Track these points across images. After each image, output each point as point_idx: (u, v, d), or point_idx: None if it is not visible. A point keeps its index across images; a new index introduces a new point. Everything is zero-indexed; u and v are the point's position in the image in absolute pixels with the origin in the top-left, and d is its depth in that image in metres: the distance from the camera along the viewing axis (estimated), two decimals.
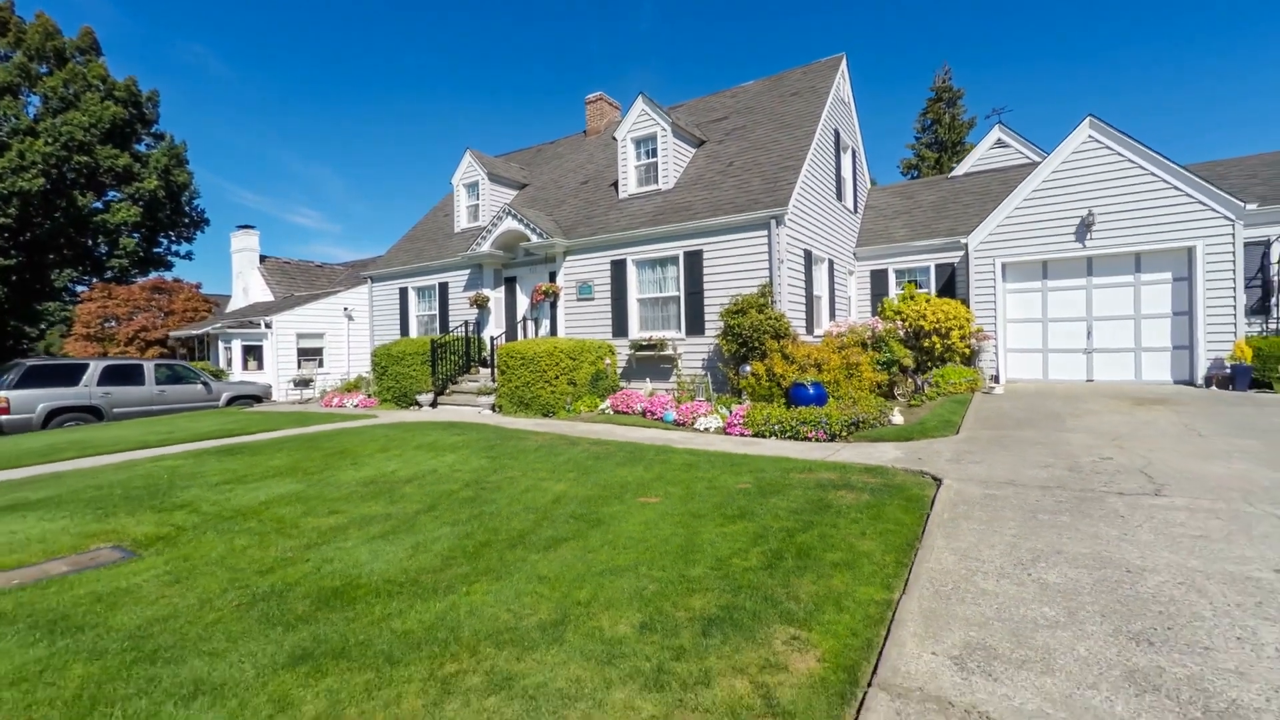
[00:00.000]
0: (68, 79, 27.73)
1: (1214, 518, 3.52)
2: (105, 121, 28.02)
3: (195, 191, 33.69)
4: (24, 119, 26.58)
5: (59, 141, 26.71)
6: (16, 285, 28.28)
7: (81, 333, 26.77)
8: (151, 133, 32.43)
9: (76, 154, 27.42)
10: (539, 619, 2.61)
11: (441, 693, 2.09)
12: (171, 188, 31.63)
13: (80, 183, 28.50)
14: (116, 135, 29.35)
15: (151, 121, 32.34)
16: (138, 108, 31.06)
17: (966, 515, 3.81)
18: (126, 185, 29.78)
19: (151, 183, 29.92)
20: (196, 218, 34.74)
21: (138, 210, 29.78)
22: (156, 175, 30.37)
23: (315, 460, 6.36)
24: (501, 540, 3.67)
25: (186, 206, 33.78)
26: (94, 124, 27.62)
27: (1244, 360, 8.56)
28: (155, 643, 2.51)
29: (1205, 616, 2.42)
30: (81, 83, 28.18)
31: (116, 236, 29.96)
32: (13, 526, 4.22)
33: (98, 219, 29.07)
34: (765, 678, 2.11)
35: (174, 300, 27.77)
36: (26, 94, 28.01)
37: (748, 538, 3.52)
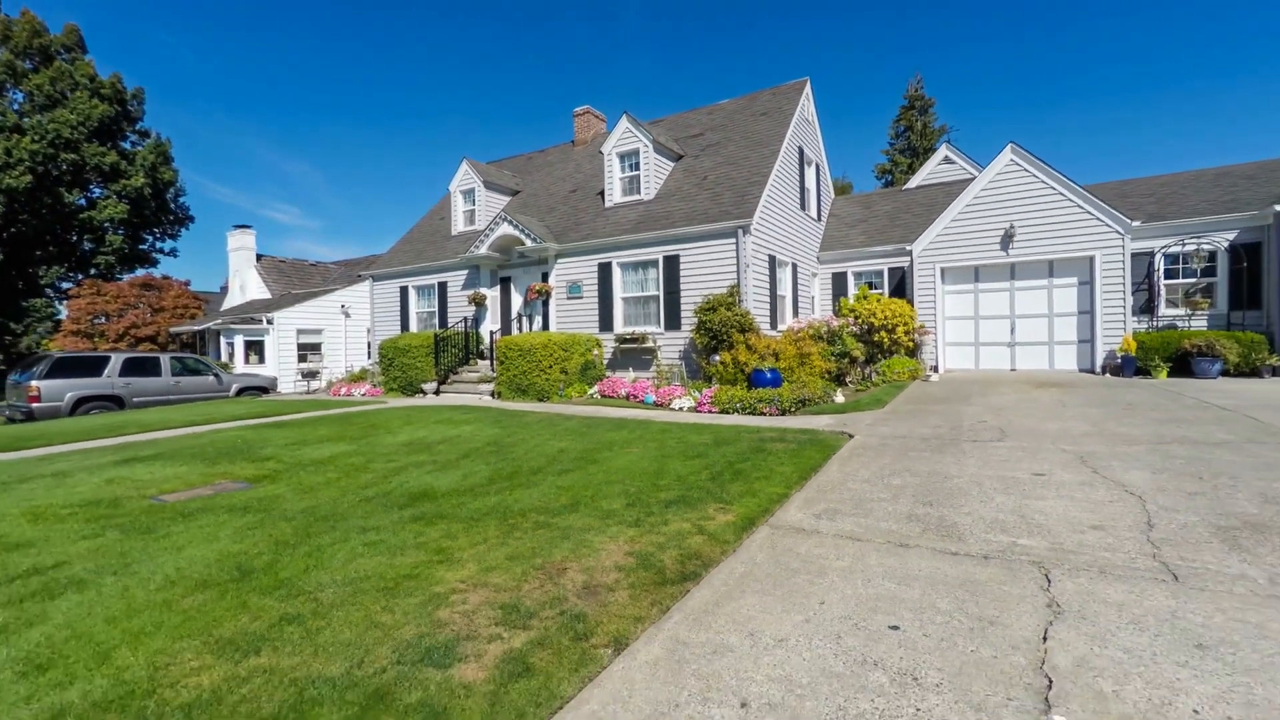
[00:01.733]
0: (55, 77, 28.32)
1: (1021, 452, 5.16)
2: (94, 120, 28.68)
3: (181, 189, 34.36)
4: (10, 116, 27.14)
5: (46, 139, 27.33)
6: (1, 282, 28.79)
7: (71, 329, 27.47)
8: (137, 130, 33.03)
9: (64, 151, 28.05)
10: (561, 503, 4.12)
11: (508, 530, 3.59)
12: (157, 185, 32.28)
13: (67, 180, 29.10)
14: (103, 133, 29.99)
15: (137, 119, 32.95)
16: (123, 105, 31.66)
17: (860, 454, 5.40)
18: (113, 182, 30.40)
19: (138, 180, 30.58)
20: (181, 215, 35.34)
21: (124, 207, 30.41)
22: (143, 172, 31.02)
23: (354, 430, 7.77)
24: (524, 471, 5.16)
25: (172, 204, 34.40)
26: (82, 122, 28.27)
27: (1130, 352, 10.38)
28: (319, 515, 3.97)
29: (971, 494, 4.02)
30: (69, 81, 28.79)
31: (103, 234, 30.58)
32: (149, 470, 5.60)
33: (84, 216, 29.67)
34: (700, 523, 3.64)
35: (163, 297, 28.56)
36: (12, 91, 28.54)
37: (701, 466, 5.07)
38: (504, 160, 19.64)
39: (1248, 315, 10.64)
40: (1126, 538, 3.11)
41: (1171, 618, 2.28)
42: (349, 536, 3.54)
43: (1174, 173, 13.20)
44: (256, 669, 2.14)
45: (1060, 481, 4.19)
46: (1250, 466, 4.34)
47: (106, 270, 31.37)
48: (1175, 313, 11.13)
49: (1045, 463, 4.74)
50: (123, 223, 30.97)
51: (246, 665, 2.17)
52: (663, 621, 2.44)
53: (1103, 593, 2.51)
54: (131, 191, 30.52)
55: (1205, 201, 11.49)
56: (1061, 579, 2.66)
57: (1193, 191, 12.11)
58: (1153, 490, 3.89)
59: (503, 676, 2.05)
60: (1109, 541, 3.07)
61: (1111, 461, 4.66)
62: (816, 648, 2.17)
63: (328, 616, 2.54)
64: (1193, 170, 13.09)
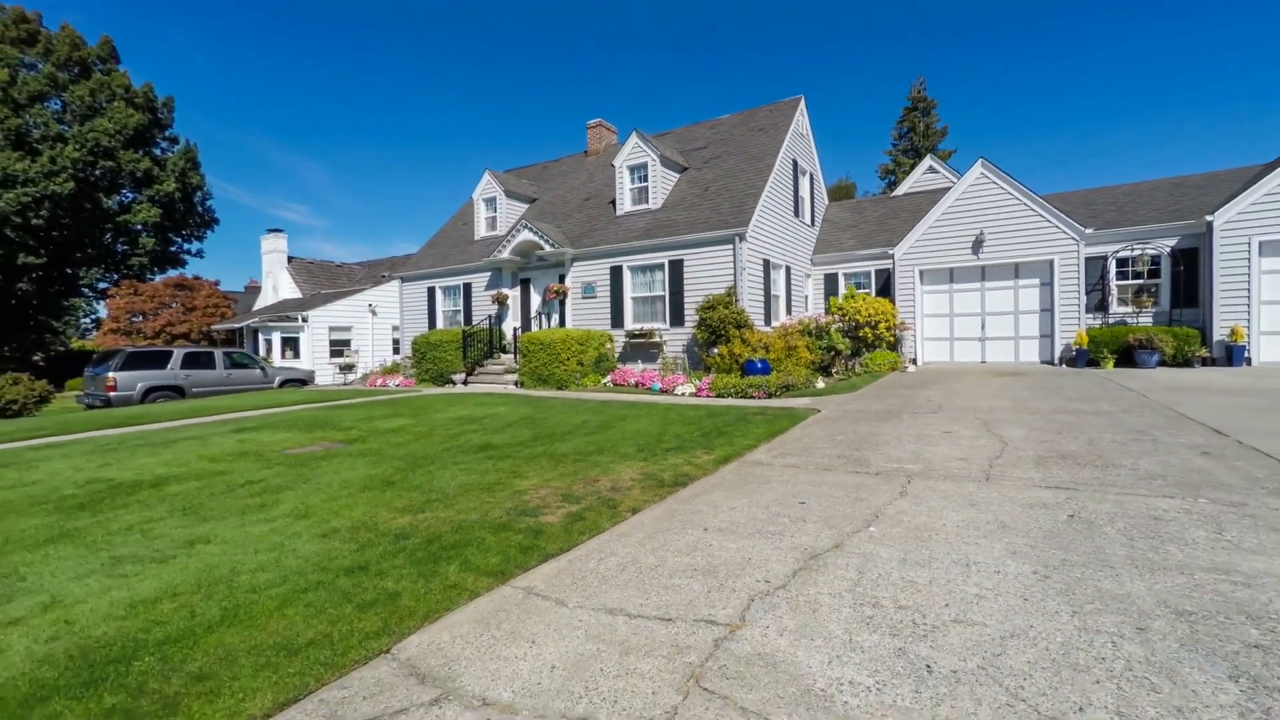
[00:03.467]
0: (94, 88, 30.27)
1: (946, 420, 6.69)
2: (129, 128, 30.60)
3: (208, 193, 36.31)
4: (53, 126, 29.11)
5: (86, 147, 29.28)
6: (43, 282, 30.83)
7: (110, 327, 29.50)
8: (166, 136, 34.98)
9: (102, 159, 30.00)
10: (589, 449, 5.72)
11: (555, 462, 5.19)
12: (186, 189, 34.22)
13: (104, 185, 31.08)
14: (137, 140, 31.92)
15: (167, 126, 34.89)
16: (154, 113, 33.60)
17: (819, 422, 6.95)
18: (146, 187, 32.34)
19: (169, 185, 32.52)
20: (207, 217, 37.30)
21: (157, 211, 32.35)
22: (174, 178, 32.96)
23: (408, 410, 9.41)
24: (558, 434, 6.76)
25: (199, 207, 36.36)
26: (119, 130, 30.19)
27: (1083, 345, 11.84)
28: (417, 457, 5.59)
29: (889, 444, 5.57)
30: (106, 91, 30.74)
31: (136, 236, 32.56)
32: (264, 436, 7.26)
33: (120, 219, 31.64)
34: (690, 459, 5.22)
35: (195, 297, 30.53)
36: (53, 102, 30.51)
37: (695, 430, 6.65)
38: (521, 169, 21.27)
39: (1187, 312, 12.04)
40: (976, 463, 4.65)
41: (968, 495, 3.83)
42: (446, 466, 5.15)
43: (1136, 182, 14.59)
44: (426, 518, 3.75)
45: (959, 436, 5.74)
46: (1103, 426, 5.86)
47: (140, 271, 33.35)
48: (1125, 310, 12.54)
49: (958, 425, 6.28)
50: (154, 226, 32.92)
51: (419, 516, 3.78)
52: (660, 502, 4.02)
53: (938, 487, 4.07)
54: (163, 196, 32.46)
55: (1155, 210, 12.89)
56: (917, 482, 4.22)
57: (1147, 200, 13.51)
58: (1018, 439, 5.42)
59: (568, 520, 3.64)
60: (963, 465, 4.62)
61: (1006, 424, 6.20)
62: (752, 510, 3.75)
63: (454, 499, 4.15)
64: (1153, 180, 14.48)
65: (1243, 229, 10.97)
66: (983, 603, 2.38)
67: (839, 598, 2.48)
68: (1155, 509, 3.40)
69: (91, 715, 1.85)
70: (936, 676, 1.90)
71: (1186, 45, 62.94)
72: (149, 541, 3.49)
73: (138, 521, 3.88)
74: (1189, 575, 2.55)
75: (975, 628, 2.19)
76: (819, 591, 2.55)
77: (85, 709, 1.89)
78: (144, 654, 2.21)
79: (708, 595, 2.56)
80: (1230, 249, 11.05)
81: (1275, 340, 10.85)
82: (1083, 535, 3.05)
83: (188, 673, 2.08)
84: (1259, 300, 10.87)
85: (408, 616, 2.45)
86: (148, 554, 3.28)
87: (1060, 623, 2.20)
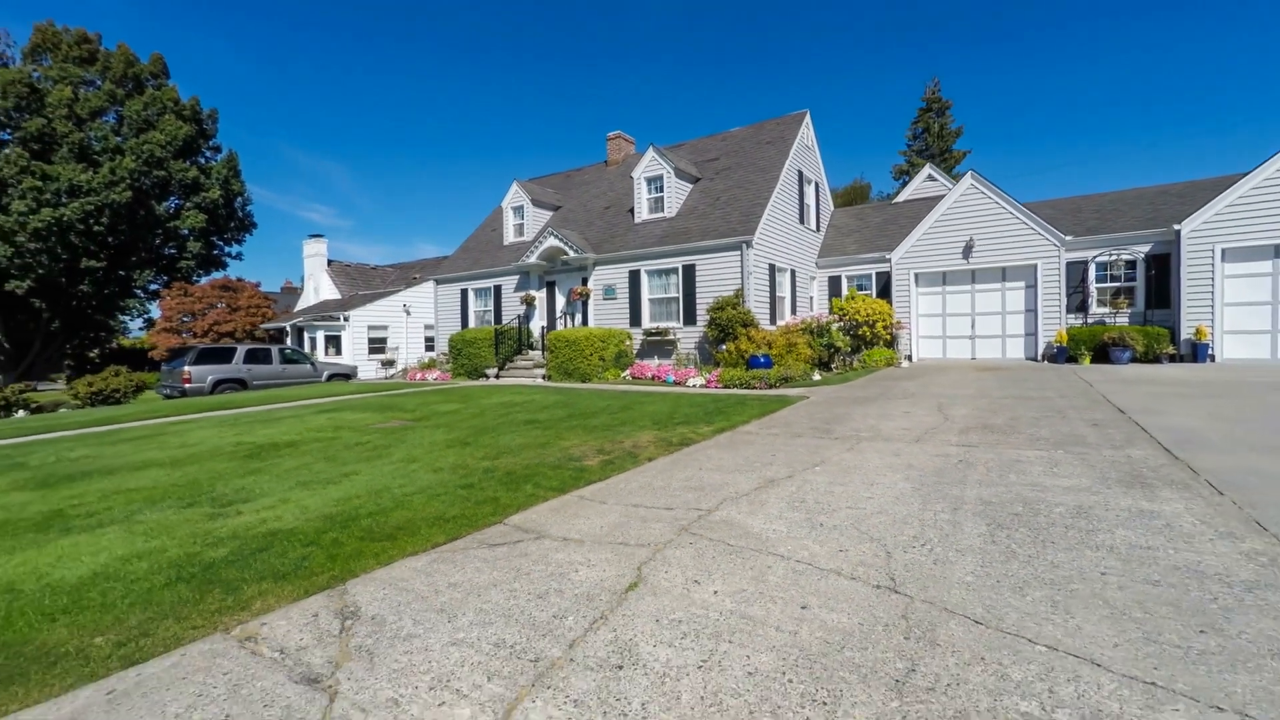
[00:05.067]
0: (147, 102, 32.63)
1: (911, 403, 8.05)
2: (179, 140, 32.92)
3: (248, 198, 38.62)
4: (111, 139, 31.51)
5: (141, 159, 31.64)
6: (101, 284, 33.31)
7: (163, 326, 31.87)
8: (210, 146, 37.35)
9: (155, 169, 32.36)
10: (614, 423, 7.22)
11: (588, 431, 6.70)
12: (229, 195, 36.53)
13: (155, 193, 33.46)
14: (185, 150, 34.27)
15: (211, 136, 37.24)
16: (200, 124, 35.95)
17: (805, 405, 8.36)
18: (194, 194, 34.67)
19: (214, 192, 34.81)
20: (247, 221, 39.60)
21: (203, 217, 34.65)
22: (218, 185, 35.26)
23: (455, 398, 11.02)
24: (587, 413, 8.27)
25: (240, 212, 38.68)
26: (169, 141, 32.51)
27: (1063, 343, 13.02)
28: (479, 428, 7.15)
29: (855, 420, 6.97)
30: (158, 105, 33.11)
31: (185, 241, 34.92)
32: (347, 416, 8.90)
33: (170, 225, 34.02)
34: (693, 429, 6.69)
35: (238, 297, 32.78)
36: (109, 116, 32.96)
37: (700, 410, 8.11)
38: (546, 177, 22.88)
39: (1159, 313, 13.13)
40: (914, 431, 6.05)
41: (896, 450, 5.24)
42: (504, 433, 6.70)
43: (1123, 190, 15.64)
44: (501, 462, 5.28)
45: (914, 414, 7.12)
46: (1034, 408, 7.20)
47: (187, 273, 35.72)
48: (1103, 311, 13.65)
49: (918, 408, 7.65)
50: (200, 230, 35.24)
51: (496, 461, 5.31)
52: (669, 454, 5.50)
53: (876, 445, 5.48)
54: (208, 203, 34.76)
55: (1135, 218, 13.97)
56: (864, 443, 5.63)
57: (1130, 208, 14.58)
58: (959, 416, 6.79)
59: (602, 463, 5.14)
60: (905, 432, 6.02)
61: (957, 406, 7.56)
62: (735, 459, 5.21)
63: (517, 452, 5.67)
64: (1138, 188, 15.52)
65: (1207, 237, 12.07)
66: (869, 501, 3.82)
67: (780, 500, 3.94)
68: (1022, 456, 4.78)
69: (352, 538, 3.40)
70: (823, 527, 3.35)
71: (1210, 51, 62.39)
72: (315, 474, 5.08)
73: (297, 465, 5.48)
74: (1007, 487, 3.96)
75: (857, 510, 3.63)
76: (768, 497, 4.01)
77: (348, 534, 3.44)
78: (360, 519, 3.76)
79: (696, 498, 4.03)
80: (1196, 255, 12.16)
81: (1238, 339, 11.93)
82: (959, 470, 4.46)
83: (391, 526, 3.62)
84: (1222, 302, 11.95)
85: (507, 507, 3.97)
86: (321, 479, 4.86)
87: (910, 507, 3.63)
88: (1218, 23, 60.20)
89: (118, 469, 5.65)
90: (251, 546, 3.35)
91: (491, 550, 3.21)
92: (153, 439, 7.50)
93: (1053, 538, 3.05)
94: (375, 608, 2.57)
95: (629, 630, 2.28)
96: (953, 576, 2.64)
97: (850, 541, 3.11)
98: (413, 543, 3.33)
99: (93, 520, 3.98)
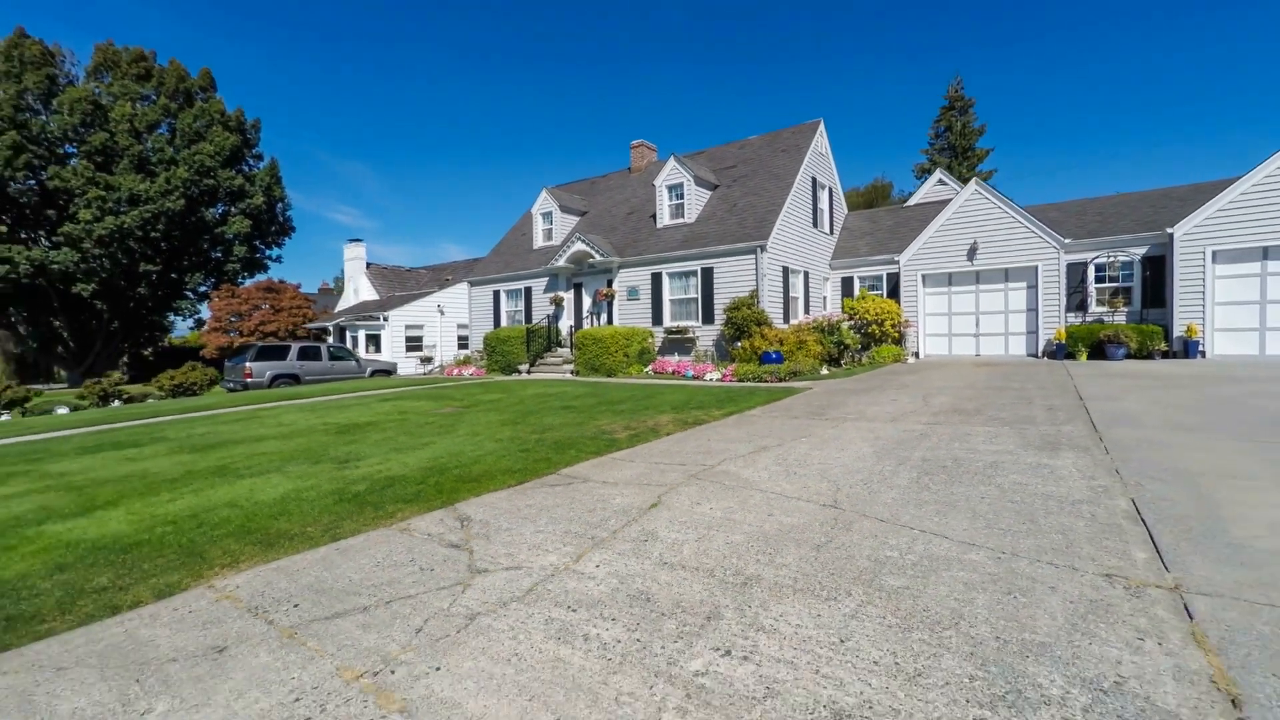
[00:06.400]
0: (197, 115, 34.93)
1: (902, 393, 9.12)
2: (226, 150, 35.16)
3: (288, 204, 40.84)
4: (166, 151, 33.85)
5: (193, 168, 33.92)
6: (155, 286, 35.76)
7: (213, 326, 34.00)
8: (254, 154, 39.64)
9: (204, 177, 34.65)
10: (638, 409, 8.46)
11: (616, 414, 7.96)
12: (271, 201, 38.73)
13: (205, 200, 35.79)
14: (232, 159, 36.55)
15: (254, 145, 39.49)
16: (244, 134, 38.21)
17: (807, 395, 9.49)
18: (239, 201, 36.92)
19: (258, 199, 37.00)
20: (286, 225, 41.82)
21: (248, 223, 36.88)
22: (261, 192, 37.46)
23: (497, 389, 12.38)
24: (615, 401, 9.52)
25: (280, 216, 40.92)
26: (218, 152, 34.76)
27: (1061, 340, 13.86)
28: (523, 410, 8.46)
29: (849, 406, 8.09)
30: (206, 117, 35.40)
31: (231, 245, 37.21)
32: (407, 404, 10.30)
33: (217, 230, 36.33)
34: (707, 412, 7.89)
35: (281, 299, 34.79)
36: (163, 128, 35.36)
37: (714, 398, 9.30)
38: (572, 184, 24.23)
39: (1155, 312, 13.85)
40: (893, 414, 7.15)
41: (872, 427, 6.37)
42: (545, 415, 7.99)
43: (1127, 192, 16.33)
44: (547, 435, 6.56)
45: (899, 401, 8.21)
46: (1007, 396, 8.23)
47: (233, 276, 38.02)
48: (1102, 309, 14.40)
49: (905, 396, 8.73)
50: (246, 236, 37.50)
51: (543, 434, 6.60)
52: (685, 430, 6.72)
53: (857, 424, 6.61)
54: (252, 209, 36.96)
55: (1135, 221, 14.69)
56: (847, 422, 6.77)
57: (1131, 211, 15.29)
58: (938, 403, 7.86)
59: (629, 436, 6.38)
60: (885, 414, 7.13)
61: (940, 395, 8.61)
62: (738, 434, 6.41)
63: (559, 429, 6.95)
64: (1141, 191, 16.18)
65: (1199, 240, 12.80)
66: (836, 459, 4.99)
67: (767, 459, 5.13)
68: (973, 431, 5.89)
69: (448, 480, 4.70)
70: (796, 475, 4.54)
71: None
72: (401, 444, 6.43)
73: (383, 438, 6.84)
74: (948, 451, 5.09)
75: (825, 465, 4.81)
76: (759, 458, 5.20)
77: (444, 479, 4.75)
78: (450, 470, 5.06)
79: (703, 458, 5.24)
80: (1188, 257, 12.89)
81: (1228, 336, 12.64)
82: (916, 440, 5.59)
83: (474, 474, 4.91)
84: (1213, 302, 12.67)
85: (557, 463, 5.23)
86: (407, 447, 6.20)
87: (865, 463, 4.79)
88: (1242, 20, 58.88)
89: (241, 440, 7.09)
90: (379, 485, 4.67)
91: (551, 488, 4.47)
92: (251, 420, 8.98)
93: (961, 480, 4.19)
94: (480, 516, 3.85)
95: (650, 525, 3.51)
96: (877, 500, 3.82)
97: (813, 482, 4.30)
98: (492, 483, 4.62)
99: (253, 470, 5.36)
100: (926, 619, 2.27)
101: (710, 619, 2.35)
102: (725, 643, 2.17)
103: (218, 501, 4.35)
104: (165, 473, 5.44)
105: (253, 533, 3.63)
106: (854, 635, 2.18)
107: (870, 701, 1.79)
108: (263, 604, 2.65)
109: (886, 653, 2.05)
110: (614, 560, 3.00)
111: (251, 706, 1.89)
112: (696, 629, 2.27)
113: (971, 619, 2.26)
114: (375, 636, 2.31)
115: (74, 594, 2.82)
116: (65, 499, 4.55)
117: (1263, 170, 12.14)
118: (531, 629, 2.33)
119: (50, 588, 2.90)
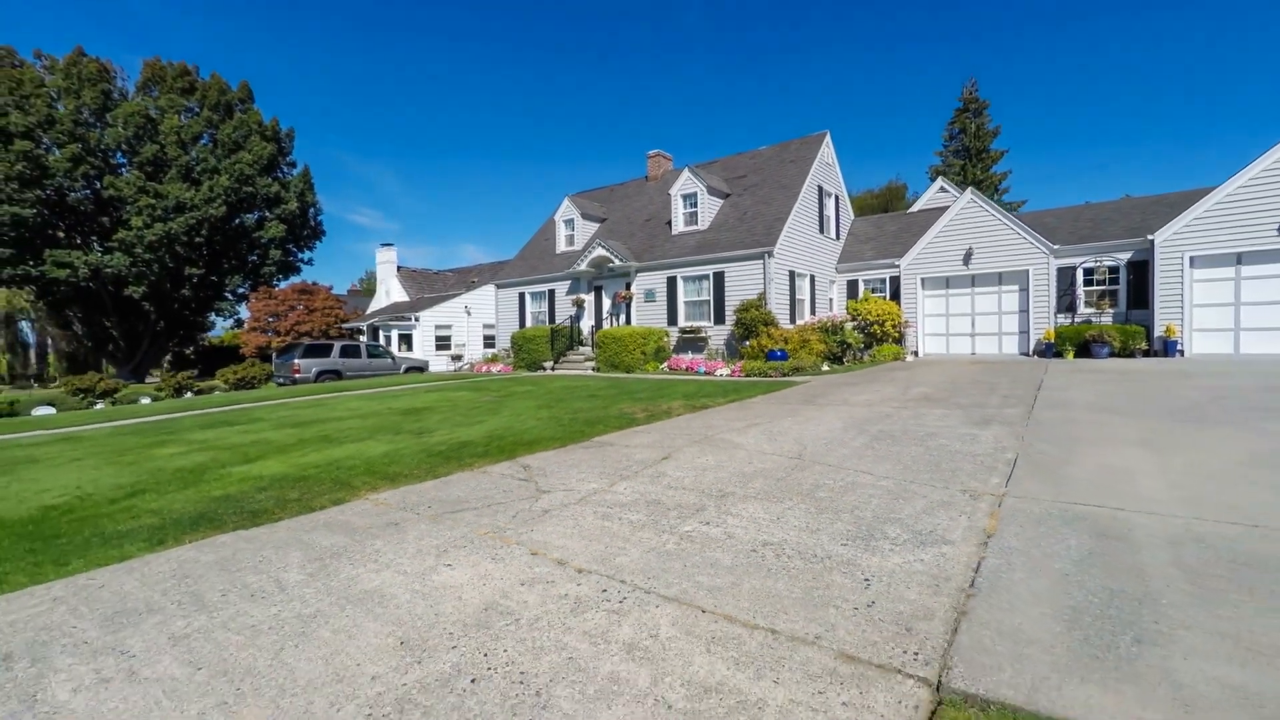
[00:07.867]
0: (236, 125, 37.13)
1: (886, 384, 10.37)
2: (263, 158, 37.32)
3: (319, 209, 42.98)
4: (210, 160, 36.08)
5: (234, 176, 36.11)
6: (198, 288, 38.05)
7: (252, 326, 36.08)
8: (288, 162, 41.84)
9: (244, 185, 36.84)
10: (653, 398, 9.84)
11: (634, 400, 9.35)
12: (304, 206, 40.86)
13: (244, 207, 38.00)
14: (268, 167, 38.72)
15: (288, 153, 41.68)
16: (279, 143, 40.38)
17: (805, 387, 10.78)
18: (275, 207, 39.08)
19: (292, 204, 39.11)
20: (318, 229, 43.99)
21: (283, 228, 39.04)
22: (295, 197, 39.60)
23: (526, 382, 13.85)
24: (633, 392, 10.91)
25: (312, 221, 43.09)
26: (256, 160, 36.92)
27: (1050, 340, 14.93)
28: (552, 398, 9.90)
29: (838, 394, 9.38)
30: (245, 128, 37.59)
31: (267, 249, 39.39)
32: (452, 394, 11.81)
33: (255, 235, 38.52)
34: (713, 401, 9.24)
35: (314, 300, 36.72)
36: (205, 139, 37.63)
37: (720, 390, 10.65)
38: (592, 191, 25.70)
39: (1138, 313, 14.84)
40: (871, 400, 8.43)
41: (850, 410, 7.68)
42: (572, 402, 9.40)
43: (1120, 198, 17.27)
44: (578, 416, 7.97)
45: (882, 391, 9.47)
46: (978, 387, 9.45)
47: (268, 278, 40.19)
48: (1090, 311, 15.41)
49: (890, 388, 9.99)
50: (281, 240, 39.64)
51: (574, 415, 8.01)
52: (693, 413, 8.08)
53: (838, 408, 7.91)
54: (287, 214, 39.08)
55: (1123, 227, 15.67)
56: (830, 407, 8.07)
57: (1122, 216, 16.26)
58: (914, 393, 9.12)
59: (647, 418, 7.76)
60: (865, 400, 8.41)
61: (919, 387, 9.85)
62: (738, 415, 7.76)
63: (586, 412, 8.36)
64: (1135, 197, 17.12)
65: (1178, 246, 13.79)
66: (810, 431, 6.31)
67: (757, 431, 6.47)
68: (930, 413, 7.16)
69: (506, 444, 6.13)
70: (776, 440, 5.88)
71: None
72: (459, 421, 7.88)
73: (442, 418, 8.31)
74: (901, 426, 6.38)
75: (800, 434, 6.14)
76: (751, 431, 6.54)
77: (503, 443, 6.19)
78: (505, 438, 6.50)
79: (706, 431, 6.60)
80: (1168, 262, 13.89)
81: (1205, 336, 13.61)
82: (880, 419, 6.89)
83: (526, 440, 6.34)
84: (1191, 304, 13.65)
85: (589, 434, 6.63)
86: (466, 424, 7.66)
87: (833, 434, 6.11)
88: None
89: (325, 420, 8.62)
90: (454, 446, 6.12)
91: (585, 449, 5.88)
92: (319, 407, 10.54)
93: (902, 444, 5.50)
94: (536, 464, 5.26)
95: (662, 469, 4.90)
96: (832, 454, 5.15)
97: (788, 445, 5.65)
98: (540, 446, 6.04)
99: (350, 438, 6.85)
100: (834, 508, 3.63)
101: (698, 510, 3.73)
102: (706, 520, 3.55)
103: (339, 457, 5.84)
104: (282, 441, 6.96)
105: (376, 473, 5.09)
106: (786, 515, 3.55)
107: (785, 540, 3.16)
108: (408, 505, 4.09)
109: (802, 523, 3.41)
110: (636, 486, 4.39)
111: (431, 544, 3.32)
112: (688, 515, 3.66)
113: (863, 509, 3.61)
114: (488, 519, 3.73)
115: (280, 502, 4.29)
116: (226, 455, 6.08)
117: (1236, 181, 13.11)
118: (585, 515, 3.73)
119: (263, 499, 4.38)
